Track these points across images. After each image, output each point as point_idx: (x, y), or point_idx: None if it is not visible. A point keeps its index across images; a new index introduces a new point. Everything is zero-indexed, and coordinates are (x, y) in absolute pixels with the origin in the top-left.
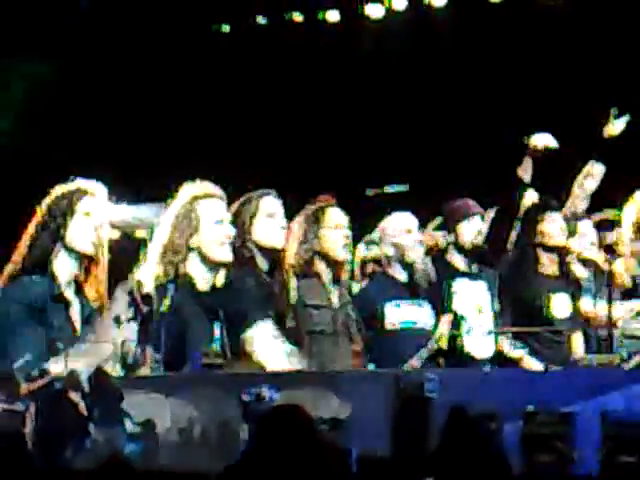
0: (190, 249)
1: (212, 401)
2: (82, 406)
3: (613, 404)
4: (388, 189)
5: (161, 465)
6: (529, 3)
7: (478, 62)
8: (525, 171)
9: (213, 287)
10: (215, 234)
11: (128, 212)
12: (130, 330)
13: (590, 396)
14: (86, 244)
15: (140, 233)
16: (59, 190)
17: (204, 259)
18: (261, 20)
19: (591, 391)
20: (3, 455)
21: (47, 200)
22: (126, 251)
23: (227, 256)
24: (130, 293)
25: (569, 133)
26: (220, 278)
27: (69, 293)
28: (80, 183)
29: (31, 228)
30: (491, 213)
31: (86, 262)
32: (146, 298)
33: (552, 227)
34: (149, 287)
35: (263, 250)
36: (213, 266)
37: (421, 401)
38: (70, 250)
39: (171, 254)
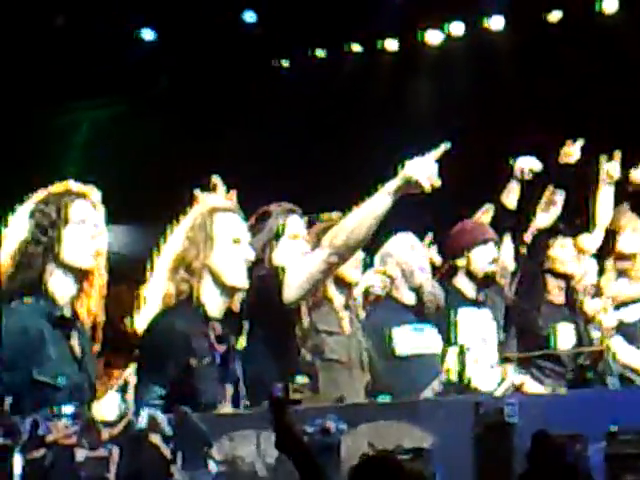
0: (203, 267)
1: None
2: (164, 449)
3: None
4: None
5: None
6: (587, 20)
7: (538, 83)
8: (508, 196)
9: (226, 313)
10: (231, 255)
11: None
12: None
13: None
14: (85, 258)
15: None
16: (43, 194)
17: (216, 281)
18: (320, 53)
19: None
20: None
21: (29, 207)
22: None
23: (242, 281)
24: (205, 334)
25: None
26: (235, 303)
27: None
28: (70, 184)
29: (12, 243)
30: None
31: (81, 277)
32: (221, 338)
33: (562, 253)
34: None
35: None
36: (226, 290)
37: (502, 426)
38: (66, 267)
39: (184, 271)
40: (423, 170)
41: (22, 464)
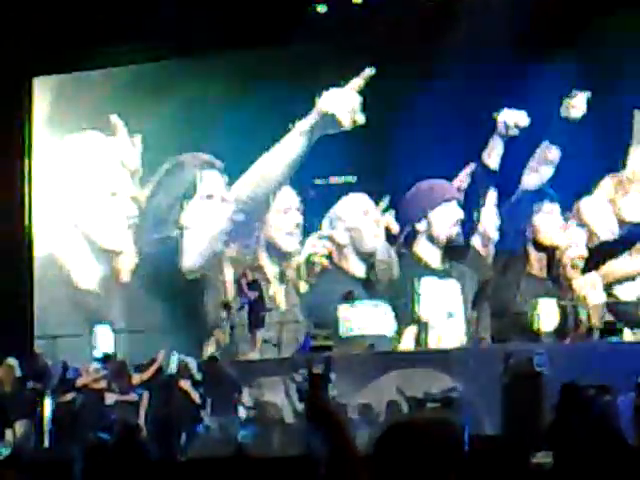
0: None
1: None
2: (194, 394)
3: None
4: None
5: (274, 449)
6: None
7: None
8: (490, 155)
9: (108, 283)
10: (106, 212)
11: None
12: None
13: None
14: None
15: None
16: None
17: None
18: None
19: None
20: (120, 445)
21: None
22: None
23: (119, 244)
24: (236, 281)
25: None
26: (123, 270)
27: None
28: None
29: None
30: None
31: None
32: (252, 284)
33: (548, 221)
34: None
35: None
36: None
37: (531, 376)
38: None
39: None
40: (342, 103)
41: (52, 408)
